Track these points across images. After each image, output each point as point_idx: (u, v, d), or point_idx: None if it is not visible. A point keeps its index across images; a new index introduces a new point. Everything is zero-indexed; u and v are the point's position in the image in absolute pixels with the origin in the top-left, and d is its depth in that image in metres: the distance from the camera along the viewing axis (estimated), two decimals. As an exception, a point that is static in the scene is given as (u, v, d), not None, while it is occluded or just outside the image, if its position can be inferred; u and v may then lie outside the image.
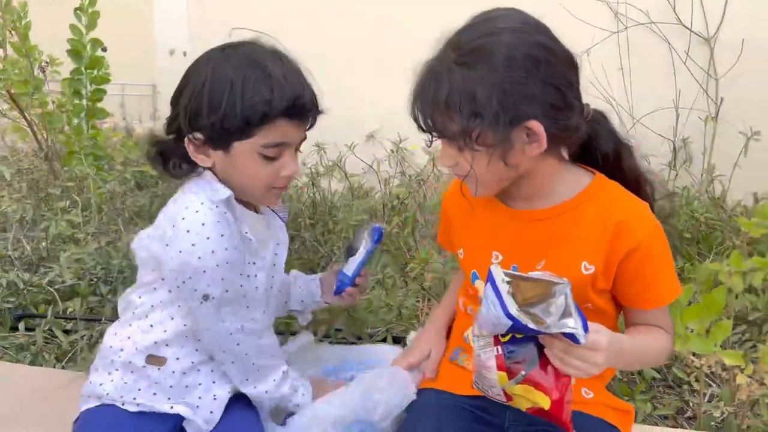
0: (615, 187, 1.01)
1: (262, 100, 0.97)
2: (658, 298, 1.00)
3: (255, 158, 1.02)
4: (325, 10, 3.55)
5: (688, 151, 3.13)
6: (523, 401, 0.86)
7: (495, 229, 1.05)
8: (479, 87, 0.88)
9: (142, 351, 1.08)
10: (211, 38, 3.20)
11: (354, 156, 3.15)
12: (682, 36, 3.09)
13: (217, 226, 1.00)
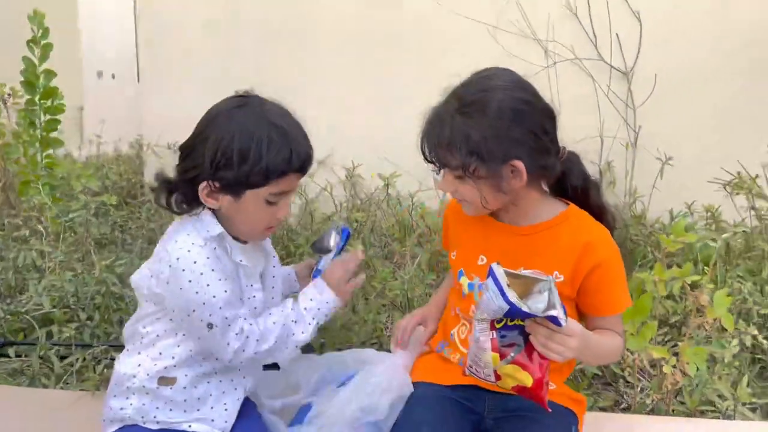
0: (584, 215, 1.24)
1: (283, 158, 1.13)
2: (613, 307, 1.22)
3: (260, 204, 1.17)
4: (275, 46, 3.71)
5: (612, 174, 3.47)
6: (509, 380, 1.06)
7: (484, 238, 1.26)
8: (474, 132, 1.11)
9: (153, 376, 1.20)
10: (142, 61, 3.34)
11: (308, 180, 3.31)
12: (603, 70, 3.44)
13: (208, 262, 1.15)
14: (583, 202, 1.26)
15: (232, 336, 1.18)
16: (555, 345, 1.02)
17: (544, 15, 3.43)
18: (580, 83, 3.44)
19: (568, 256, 1.18)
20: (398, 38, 3.54)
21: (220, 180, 1.15)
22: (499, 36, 3.42)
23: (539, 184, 1.23)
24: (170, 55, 3.77)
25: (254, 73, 3.69)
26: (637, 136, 3.39)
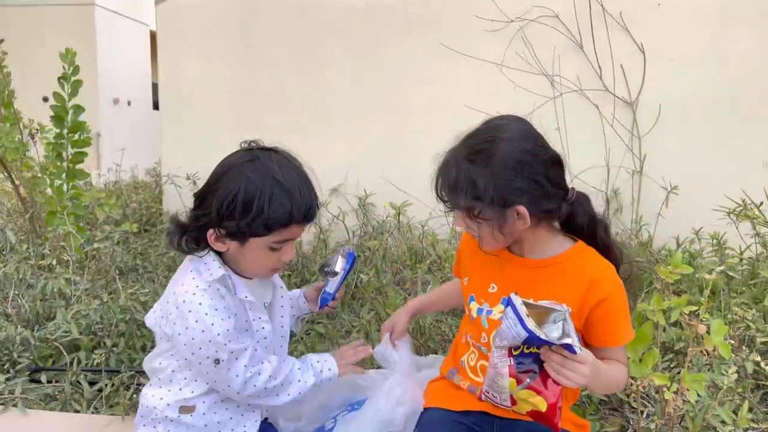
0: (591, 252, 1.33)
1: (284, 212, 1.23)
2: (617, 338, 1.30)
3: (264, 250, 1.28)
4: (286, 76, 3.84)
5: (619, 201, 3.55)
6: (524, 404, 1.13)
7: (496, 267, 1.36)
8: (480, 179, 1.21)
9: (174, 405, 1.31)
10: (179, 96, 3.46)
11: (324, 209, 3.42)
12: (609, 100, 3.54)
13: (212, 303, 1.25)
14: (590, 240, 1.34)
15: (241, 368, 1.28)
16: (568, 372, 1.09)
17: (550, 49, 3.54)
18: (586, 113, 3.54)
19: (575, 290, 1.27)
20: (410, 72, 3.67)
21: (227, 228, 1.25)
22: (507, 70, 3.54)
23: (548, 223, 1.32)
24: (188, 86, 3.92)
25: (269, 102, 3.83)
26: (642, 164, 3.48)
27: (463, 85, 3.55)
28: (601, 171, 3.52)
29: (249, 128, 3.74)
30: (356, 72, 3.73)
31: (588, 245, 1.33)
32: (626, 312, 1.29)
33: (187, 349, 1.25)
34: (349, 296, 2.68)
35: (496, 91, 3.54)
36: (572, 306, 1.26)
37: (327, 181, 3.71)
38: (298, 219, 1.25)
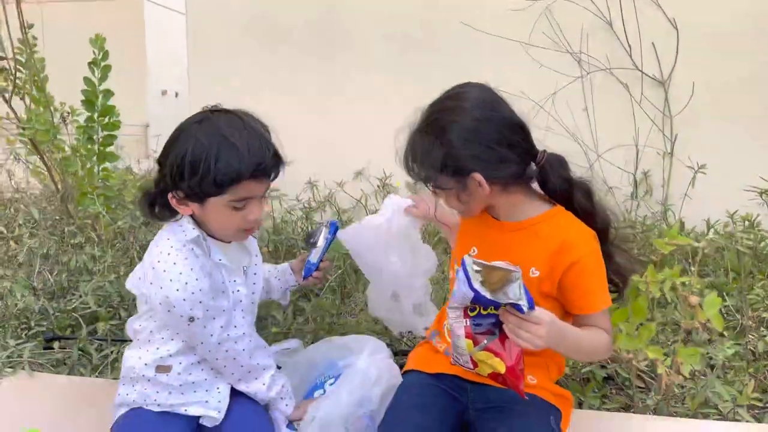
0: (567, 216, 1.31)
1: (231, 169, 1.23)
2: (592, 304, 1.27)
3: (225, 210, 1.29)
4: (312, 62, 3.87)
5: (648, 183, 3.44)
6: (485, 366, 1.13)
7: (478, 231, 1.37)
8: (435, 149, 1.22)
9: (151, 365, 1.35)
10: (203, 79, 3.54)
11: (344, 192, 3.44)
12: (639, 79, 3.42)
13: (186, 262, 1.28)
14: (568, 204, 1.31)
15: (217, 328, 1.31)
16: (524, 333, 1.08)
17: (577, 27, 3.45)
18: (615, 93, 3.44)
19: (544, 252, 1.25)
20: (431, 54, 3.64)
21: (183, 190, 1.27)
22: (531, 49, 3.47)
23: (523, 188, 1.30)
24: (215, 72, 4.00)
25: (291, 86, 3.87)
26: (674, 145, 3.36)
27: (485, 66, 3.48)
28: (630, 152, 3.42)
29: (273, 113, 3.80)
30: (378, 54, 3.73)
31: (568, 210, 1.31)
32: (602, 278, 1.26)
33: (163, 309, 1.28)
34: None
35: (520, 71, 3.47)
36: (541, 269, 1.25)
37: (352, 165, 3.73)
38: (247, 175, 1.24)
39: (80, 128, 3.19)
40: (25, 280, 2.39)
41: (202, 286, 1.28)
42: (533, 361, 1.31)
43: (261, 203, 1.33)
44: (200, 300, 1.27)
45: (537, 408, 1.26)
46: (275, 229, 3.04)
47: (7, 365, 1.81)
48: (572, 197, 1.31)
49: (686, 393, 1.62)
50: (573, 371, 1.79)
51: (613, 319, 1.46)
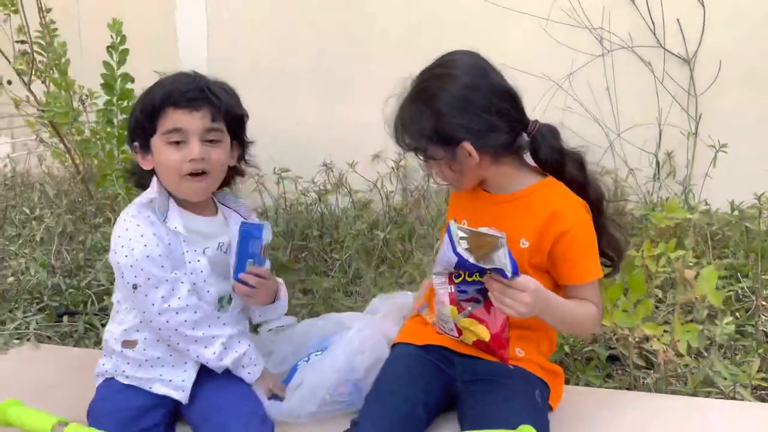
0: (558, 186, 1.28)
1: (150, 97, 1.31)
2: (582, 275, 1.25)
3: (165, 149, 1.31)
4: (339, 41, 3.86)
5: (672, 164, 3.34)
6: (469, 334, 1.12)
7: (469, 204, 1.35)
8: (424, 117, 1.21)
9: (119, 338, 1.36)
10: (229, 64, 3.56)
11: (358, 175, 3.44)
12: (662, 57, 3.32)
13: (137, 228, 1.28)
14: (559, 175, 1.29)
15: (158, 297, 1.28)
16: (507, 299, 1.07)
17: (599, 3, 3.36)
18: (637, 71, 3.34)
19: (534, 223, 1.23)
20: (447, 31, 3.58)
21: (135, 140, 1.36)
22: (550, 26, 3.39)
23: (513, 159, 1.28)
24: (235, 55, 4.03)
25: (310, 70, 3.87)
26: (698, 125, 3.25)
27: (503, 43, 3.42)
28: (652, 132, 3.32)
29: (291, 97, 3.80)
30: (398, 32, 3.70)
31: (559, 181, 1.28)
32: (591, 248, 1.24)
33: (117, 275, 1.30)
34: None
35: (538, 48, 3.40)
36: (531, 240, 1.23)
37: (370, 148, 3.72)
38: (161, 100, 1.30)
39: (100, 111, 3.25)
40: (43, 257, 2.46)
41: (149, 253, 1.27)
42: (523, 334, 1.29)
43: (199, 143, 1.31)
44: (142, 267, 1.27)
45: (522, 380, 1.24)
46: (287, 211, 3.06)
47: (15, 336, 1.87)
48: (564, 168, 1.28)
49: (688, 372, 1.57)
50: (573, 350, 1.76)
51: (609, 295, 1.43)
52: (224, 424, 1.26)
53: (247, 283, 1.38)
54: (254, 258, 1.37)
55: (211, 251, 1.40)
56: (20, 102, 3.02)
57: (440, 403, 1.30)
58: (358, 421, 1.21)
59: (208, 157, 1.32)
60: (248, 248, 1.35)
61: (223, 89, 1.38)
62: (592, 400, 1.42)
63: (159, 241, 1.29)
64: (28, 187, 3.67)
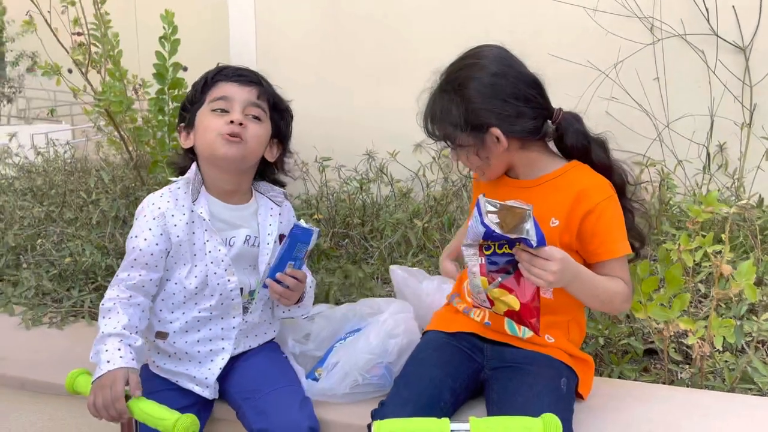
0: (585, 168, 1.31)
1: (204, 75, 1.45)
2: (611, 250, 1.27)
3: (209, 116, 1.38)
4: (382, 29, 3.88)
5: (724, 156, 3.24)
6: (500, 304, 1.14)
7: (494, 191, 1.37)
8: (453, 106, 1.25)
9: (152, 329, 1.42)
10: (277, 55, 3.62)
11: (400, 164, 3.46)
12: (716, 46, 3.21)
13: (145, 222, 1.36)
14: (587, 160, 1.31)
15: (124, 274, 1.36)
16: (536, 269, 1.09)
17: (650, -11, 3.27)
18: (689, 60, 3.24)
19: (563, 202, 1.26)
20: (493, 17, 3.55)
21: (182, 118, 1.45)
22: (598, 15, 3.32)
23: (539, 145, 1.31)
24: (280, 42, 4.10)
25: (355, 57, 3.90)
26: (752, 116, 3.14)
27: (547, 32, 3.38)
28: (703, 124, 3.23)
29: (336, 84, 3.85)
30: (442, 23, 3.69)
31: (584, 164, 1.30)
32: (620, 224, 1.26)
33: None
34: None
35: (584, 37, 3.34)
36: (560, 218, 1.26)
37: (412, 137, 3.74)
38: (213, 74, 1.42)
39: (152, 100, 3.37)
40: (98, 239, 2.58)
41: (146, 237, 1.35)
42: (553, 320, 1.31)
43: (242, 112, 1.39)
44: (132, 248, 1.36)
45: (549, 367, 1.26)
46: (329, 199, 3.11)
47: (71, 314, 1.98)
48: (590, 152, 1.31)
49: (725, 368, 1.54)
50: (609, 342, 1.75)
51: (643, 288, 1.42)
52: (264, 406, 1.30)
53: (282, 283, 1.39)
54: (296, 261, 1.38)
55: (239, 243, 1.42)
56: (78, 91, 3.15)
57: (468, 389, 1.32)
58: (385, 402, 1.24)
59: (247, 126, 1.37)
60: (293, 251, 1.36)
61: (273, 86, 1.50)
62: (625, 392, 1.42)
63: (159, 240, 1.35)
64: (86, 173, 3.84)
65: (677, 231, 2.48)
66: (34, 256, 2.51)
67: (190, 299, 1.39)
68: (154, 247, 1.35)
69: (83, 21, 3.09)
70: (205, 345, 1.41)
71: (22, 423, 1.66)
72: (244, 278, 1.43)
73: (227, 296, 1.40)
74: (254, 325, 1.47)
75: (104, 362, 1.22)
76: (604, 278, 1.24)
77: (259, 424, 1.28)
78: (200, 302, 1.39)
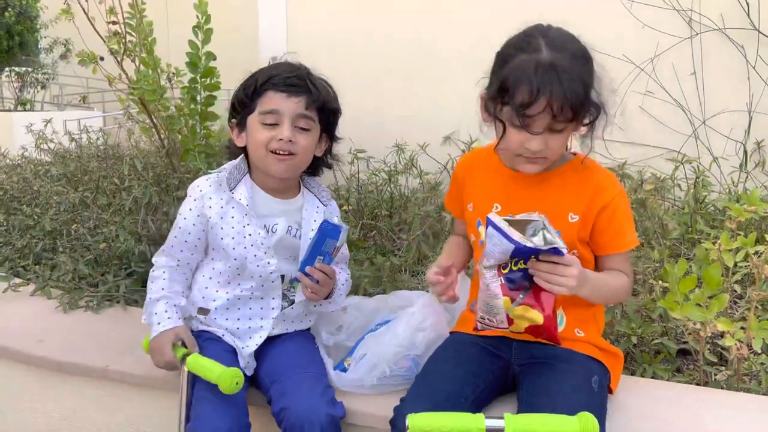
0: (592, 161, 1.30)
1: (254, 78, 1.42)
2: (622, 243, 1.27)
3: (258, 127, 1.41)
4: (411, 22, 3.86)
5: (762, 153, 3.17)
6: (521, 322, 1.13)
7: (497, 187, 1.34)
8: (588, 78, 1.18)
9: (195, 304, 1.50)
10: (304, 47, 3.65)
11: (429, 157, 3.45)
12: (756, 40, 3.14)
13: (196, 189, 1.47)
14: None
15: (170, 239, 1.50)
16: (558, 277, 1.08)
17: (689, -17, 3.20)
18: (728, 55, 3.17)
19: (581, 197, 1.25)
20: (523, 11, 3.50)
21: (235, 116, 1.46)
22: (635, 8, 3.26)
23: None
24: (314, 37, 4.10)
25: (385, 49, 3.88)
26: (792, 113, 3.07)
27: (582, 26, 3.32)
28: (740, 120, 3.16)
29: (368, 77, 3.85)
30: (469, 15, 3.66)
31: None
32: (630, 218, 1.27)
33: None
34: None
35: (621, 31, 3.28)
36: (579, 213, 1.24)
37: (441, 129, 3.72)
38: (263, 81, 1.41)
39: (184, 89, 3.39)
40: (131, 225, 2.62)
41: (182, 225, 1.46)
42: (581, 313, 1.31)
43: (291, 126, 1.40)
44: (177, 228, 1.48)
45: (580, 364, 1.24)
46: (359, 191, 3.11)
47: (106, 298, 2.01)
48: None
49: (763, 370, 1.51)
50: (642, 341, 1.73)
51: (681, 288, 1.40)
52: (287, 389, 1.33)
53: (311, 277, 1.41)
54: (325, 256, 1.40)
55: (281, 231, 1.46)
56: (114, 80, 3.19)
57: (495, 385, 1.30)
58: (404, 399, 1.23)
59: (296, 140, 1.40)
60: (322, 246, 1.39)
61: (322, 82, 1.47)
62: (658, 393, 1.40)
63: (196, 221, 1.45)
64: (119, 159, 3.90)
65: (712, 230, 2.44)
66: (70, 240, 2.56)
67: (232, 279, 1.46)
68: (192, 227, 1.46)
69: (119, 9, 3.12)
70: (244, 323, 1.47)
71: (60, 405, 1.71)
72: (285, 266, 1.48)
73: (267, 278, 1.45)
74: (294, 310, 1.50)
75: (156, 324, 1.41)
76: (609, 276, 1.25)
77: (279, 405, 1.31)
78: (242, 282, 1.46)
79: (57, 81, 10.15)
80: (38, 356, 1.68)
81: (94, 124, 7.11)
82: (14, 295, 2.11)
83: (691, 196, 2.44)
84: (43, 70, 9.94)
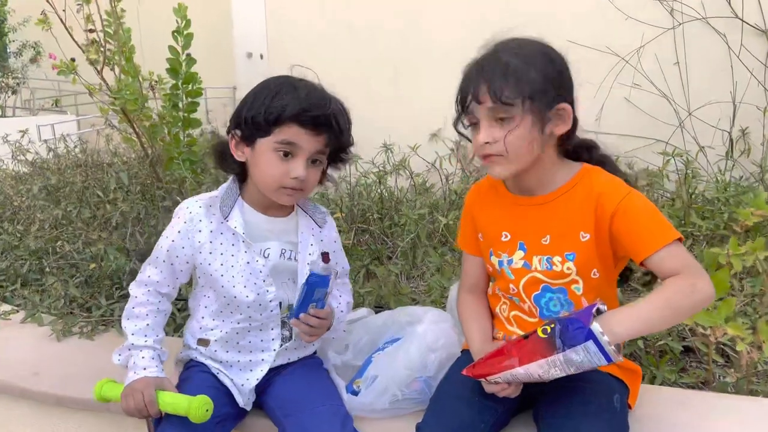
0: (597, 170, 1.25)
1: (281, 105, 1.27)
2: (652, 242, 1.14)
3: (271, 155, 1.31)
4: (396, 16, 3.82)
5: (746, 141, 3.20)
6: None
7: (503, 215, 1.31)
8: (533, 70, 1.16)
9: (194, 335, 1.44)
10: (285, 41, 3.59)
11: (417, 156, 3.42)
12: (738, 29, 3.15)
13: (185, 210, 1.37)
14: (593, 161, 1.28)
15: (146, 275, 1.38)
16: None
17: (670, -28, 3.20)
18: (710, 44, 3.19)
19: (586, 212, 1.20)
20: (507, 6, 3.49)
21: (240, 129, 1.33)
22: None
23: (554, 149, 1.24)
24: (294, 34, 4.04)
25: (368, 51, 3.84)
26: (776, 100, 3.10)
27: (565, 18, 3.32)
28: (725, 109, 3.18)
29: (352, 74, 3.80)
30: (456, 11, 3.63)
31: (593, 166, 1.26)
32: (651, 215, 1.16)
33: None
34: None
35: (603, 23, 3.28)
36: (590, 230, 1.19)
37: (428, 127, 3.70)
38: (290, 114, 1.27)
39: (166, 96, 3.32)
40: (119, 241, 2.56)
41: (169, 247, 1.36)
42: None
43: (306, 164, 1.32)
44: (156, 256, 1.38)
45: (601, 386, 1.22)
46: (350, 194, 3.08)
47: (101, 323, 1.96)
48: (593, 150, 1.29)
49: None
50: (647, 343, 1.73)
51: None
52: (306, 425, 1.29)
53: (307, 323, 1.36)
54: (317, 302, 1.36)
55: (274, 255, 1.40)
56: (95, 90, 3.11)
57: (513, 407, 1.28)
58: (420, 427, 1.21)
59: (307, 177, 1.33)
60: (313, 296, 1.35)
61: (345, 117, 1.36)
62: (674, 401, 1.39)
63: (184, 244, 1.36)
64: (99, 168, 3.81)
65: (703, 221, 2.45)
66: (57, 259, 2.50)
67: (224, 309, 1.39)
68: (180, 250, 1.36)
69: (96, 17, 3.03)
70: (245, 355, 1.41)
71: (59, 436, 1.66)
72: (283, 293, 1.42)
73: (266, 307, 1.39)
74: (295, 342, 1.46)
75: (140, 368, 1.31)
76: (648, 299, 1.11)
77: None
78: (234, 312, 1.39)
79: (28, 85, 9.91)
80: (35, 390, 1.63)
81: (68, 128, 6.95)
82: (4, 323, 2.05)
83: (684, 189, 2.44)
84: (13, 74, 9.71)
